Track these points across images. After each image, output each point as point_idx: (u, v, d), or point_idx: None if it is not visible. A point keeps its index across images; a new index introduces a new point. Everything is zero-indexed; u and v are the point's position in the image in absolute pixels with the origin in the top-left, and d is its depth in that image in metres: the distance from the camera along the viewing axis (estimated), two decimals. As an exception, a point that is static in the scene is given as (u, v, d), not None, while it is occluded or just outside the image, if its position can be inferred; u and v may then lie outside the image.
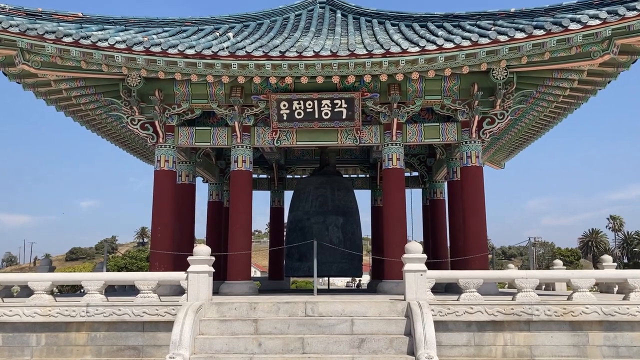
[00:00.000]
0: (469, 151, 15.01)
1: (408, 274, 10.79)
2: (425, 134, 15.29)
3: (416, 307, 10.14)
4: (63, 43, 12.62)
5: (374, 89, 14.87)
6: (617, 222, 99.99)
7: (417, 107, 14.98)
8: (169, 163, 15.40)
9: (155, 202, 15.31)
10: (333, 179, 19.21)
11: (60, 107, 15.98)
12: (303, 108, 14.83)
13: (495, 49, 12.59)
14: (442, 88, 14.92)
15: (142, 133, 15.27)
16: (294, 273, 19.48)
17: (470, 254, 14.57)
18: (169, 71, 13.58)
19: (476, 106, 14.54)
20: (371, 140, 15.42)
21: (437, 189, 20.53)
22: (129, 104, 14.86)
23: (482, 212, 14.80)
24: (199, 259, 11.04)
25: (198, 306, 10.49)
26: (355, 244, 18.44)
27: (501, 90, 14.30)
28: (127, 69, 13.56)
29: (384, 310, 10.65)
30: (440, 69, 13.31)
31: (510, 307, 10.46)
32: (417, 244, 11.00)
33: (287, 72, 13.28)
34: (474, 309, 10.45)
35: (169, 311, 10.65)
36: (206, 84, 15.00)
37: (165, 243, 15.08)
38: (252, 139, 15.47)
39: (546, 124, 18.67)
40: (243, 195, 15.27)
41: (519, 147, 21.84)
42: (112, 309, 10.71)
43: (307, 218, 18.52)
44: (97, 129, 17.80)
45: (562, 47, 12.74)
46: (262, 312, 10.74)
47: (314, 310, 10.68)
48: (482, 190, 14.95)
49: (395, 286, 14.16)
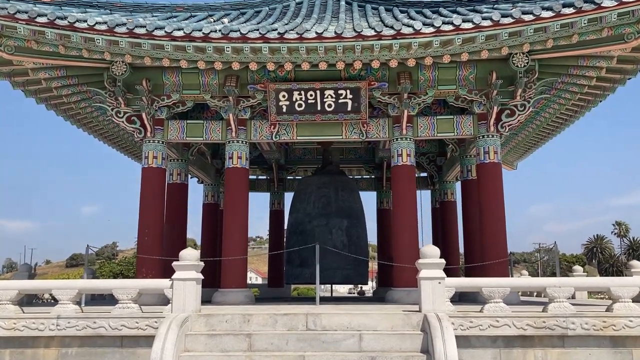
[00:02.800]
0: (486, 146, 13.70)
1: (424, 281, 9.42)
2: (438, 127, 13.97)
3: (435, 320, 8.78)
4: (37, 24, 11.36)
5: (382, 77, 13.60)
6: (622, 228, 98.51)
7: (429, 98, 13.68)
8: (158, 160, 14.10)
9: (142, 202, 14.00)
10: (336, 179, 17.84)
11: (41, 99, 14.69)
12: (304, 99, 13.55)
13: (519, 30, 11.30)
14: (457, 77, 13.62)
15: (128, 127, 13.97)
16: (294, 280, 18.10)
17: (488, 259, 13.24)
18: (156, 56, 12.30)
19: (494, 96, 13.23)
20: (379, 134, 14.11)
21: (447, 189, 19.20)
22: (114, 95, 13.58)
23: (501, 214, 13.48)
24: (186, 264, 9.71)
25: (183, 318, 9.14)
26: (360, 249, 17.05)
27: (522, 79, 13.00)
28: (110, 54, 12.30)
29: (397, 323, 9.29)
30: (457, 53, 12.03)
31: (541, 320, 9.10)
32: (434, 247, 9.64)
33: (286, 57, 12.01)
34: (500, 322, 9.09)
35: (151, 324, 9.31)
36: (198, 73, 13.75)
37: (153, 247, 13.77)
38: (249, 133, 14.17)
39: (562, 122, 17.30)
40: (238, 194, 13.94)
41: (533, 147, 20.48)
42: (86, 322, 9.37)
43: (309, 220, 17.14)
44: (82, 124, 16.47)
45: (593, 29, 11.46)
46: (257, 325, 9.38)
47: (317, 324, 9.33)
48: (501, 188, 13.64)
49: (406, 295, 12.83)
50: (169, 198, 15.99)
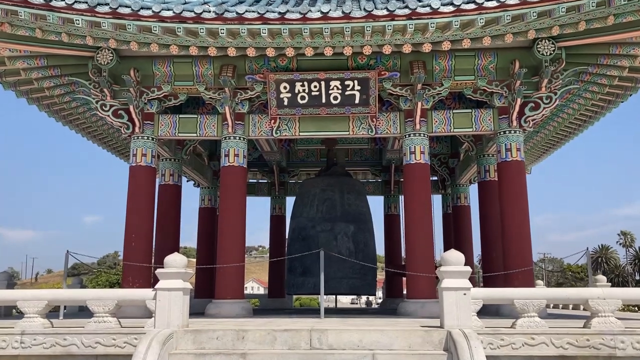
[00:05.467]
0: (508, 143, 12.43)
1: (447, 292, 8.11)
2: (454, 122, 12.71)
3: (461, 338, 7.48)
4: (9, 2, 10.17)
5: (393, 67, 12.39)
6: (628, 238, 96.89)
7: (445, 89, 12.44)
8: (147, 157, 12.85)
9: (129, 204, 12.75)
10: (342, 180, 16.53)
11: (21, 92, 13.47)
12: (307, 91, 12.33)
13: (549, 9, 10.05)
14: (476, 66, 12.40)
15: (115, 121, 12.75)
16: (296, 290, 16.75)
17: (510, 268, 11.95)
18: (143, 41, 11.07)
19: (518, 87, 11.98)
20: (389, 130, 12.86)
21: (460, 193, 17.92)
22: (99, 86, 12.37)
23: (525, 217, 12.19)
24: (171, 271, 8.42)
25: (167, 335, 7.84)
26: (368, 256, 15.70)
27: (548, 68, 11.75)
28: (92, 38, 11.08)
29: (416, 341, 7.97)
30: (478, 37, 10.78)
31: (584, 338, 7.79)
32: (457, 253, 8.34)
33: (288, 42, 10.78)
34: (536, 340, 7.79)
35: (130, 341, 8.03)
36: (191, 62, 12.56)
37: (141, 254, 12.52)
38: (247, 128, 12.94)
39: (581, 123, 16.01)
40: (235, 195, 12.67)
41: (549, 149, 19.17)
42: (55, 338, 8.08)
43: (312, 226, 15.82)
44: (68, 121, 15.16)
45: (632, 9, 10.22)
46: (253, 343, 8.08)
47: (322, 341, 8.02)
48: (524, 189, 12.36)
49: (420, 307, 11.53)
50: (160, 201, 14.77)
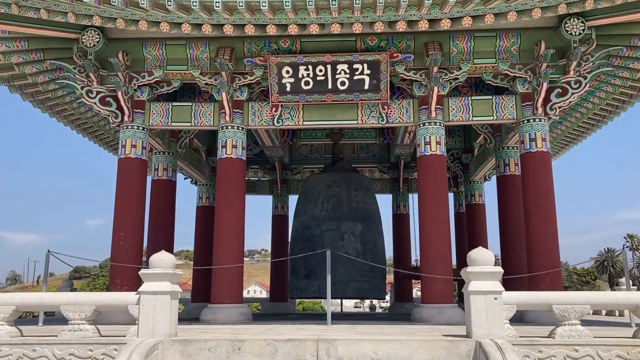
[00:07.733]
0: (532, 132, 11.34)
1: (475, 297, 6.99)
2: (473, 110, 11.62)
3: (494, 350, 6.37)
4: (-21, -28, 9.12)
5: (407, 49, 11.32)
6: (634, 241, 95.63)
7: (463, 74, 11.36)
8: (137, 149, 11.79)
9: (117, 200, 11.68)
10: (349, 176, 15.40)
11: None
12: (312, 75, 11.27)
13: (584, -21, 8.96)
14: (497, 48, 11.31)
15: (102, 109, 11.70)
16: (300, 294, 15.62)
17: (537, 269, 10.85)
18: (131, 17, 10.02)
19: (543, 70, 10.88)
20: (402, 119, 11.77)
21: (475, 191, 16.82)
22: (84, 70, 11.32)
23: (552, 213, 11.11)
24: (157, 272, 7.34)
25: (151, 345, 6.76)
26: (377, 258, 14.56)
27: (578, 49, 10.66)
28: (74, 15, 10.04)
29: (439, 353, 6.86)
30: (502, 12, 9.72)
31: (637, 350, 6.68)
32: (487, 251, 7.23)
33: (291, 17, 9.71)
34: (580, 352, 6.69)
35: (110, 352, 6.95)
36: (185, 45, 11.50)
37: (130, 254, 11.45)
38: (246, 117, 11.87)
39: (606, 114, 14.91)
40: (233, 189, 11.58)
41: (570, 143, 18.08)
42: (22, 349, 7.01)
43: (317, 224, 14.68)
44: (55, 112, 14.01)
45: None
46: (251, 355, 6.98)
47: (331, 353, 6.92)
48: (551, 182, 11.26)
49: (437, 313, 10.44)
50: (153, 197, 13.74)
